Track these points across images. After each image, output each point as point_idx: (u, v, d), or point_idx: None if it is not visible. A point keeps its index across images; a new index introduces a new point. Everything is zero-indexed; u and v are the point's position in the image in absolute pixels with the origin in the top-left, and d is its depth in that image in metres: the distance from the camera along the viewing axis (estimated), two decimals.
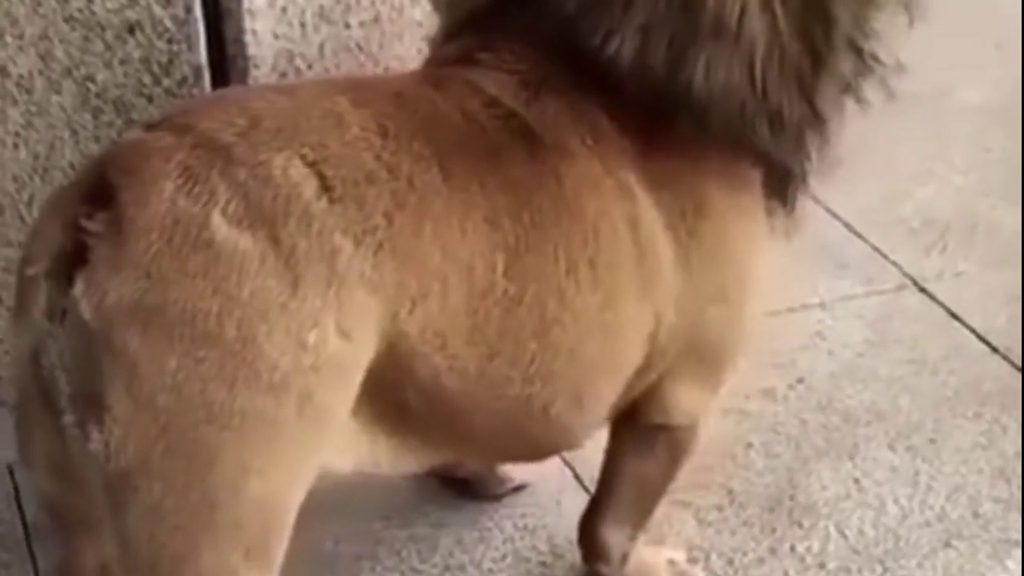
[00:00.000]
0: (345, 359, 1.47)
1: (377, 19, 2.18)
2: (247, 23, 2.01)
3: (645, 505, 1.95)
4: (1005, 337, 2.59)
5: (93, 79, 2.04)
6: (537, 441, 1.74)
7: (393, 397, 1.57)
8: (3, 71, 2.02)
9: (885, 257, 2.86)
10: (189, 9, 1.99)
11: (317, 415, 1.47)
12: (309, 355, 1.44)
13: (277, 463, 1.47)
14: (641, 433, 1.86)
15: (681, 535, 2.16)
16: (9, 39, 2.01)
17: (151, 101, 2.05)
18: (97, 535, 1.53)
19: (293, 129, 1.49)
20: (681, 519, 2.18)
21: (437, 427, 1.64)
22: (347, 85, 1.65)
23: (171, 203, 1.41)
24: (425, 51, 1.98)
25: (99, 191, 1.44)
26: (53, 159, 2.09)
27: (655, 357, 1.74)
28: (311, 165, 1.46)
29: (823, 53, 1.68)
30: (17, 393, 1.55)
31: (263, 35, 2.03)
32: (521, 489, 2.23)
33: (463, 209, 1.55)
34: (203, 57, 2.03)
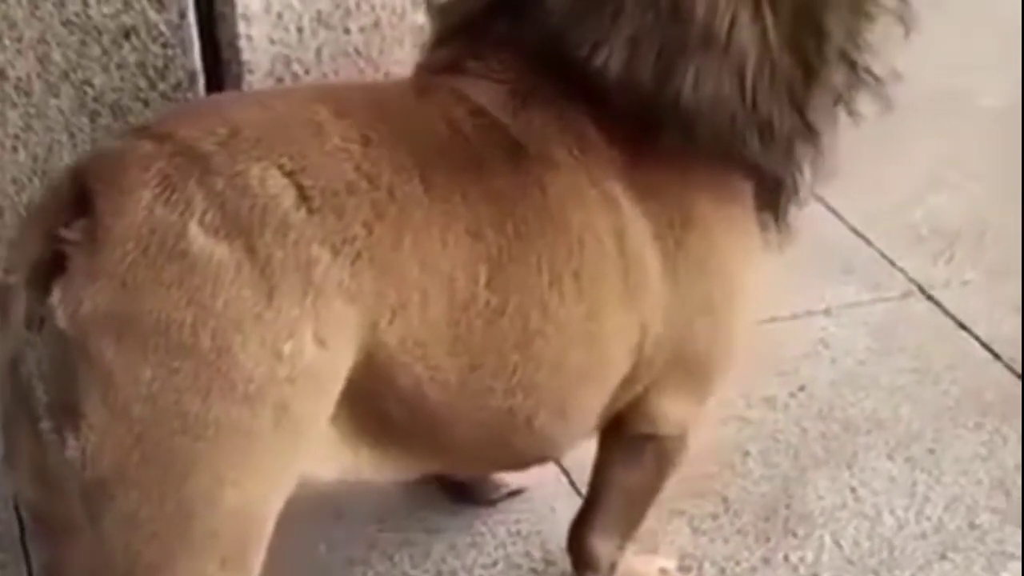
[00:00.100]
0: (322, 369, 1.47)
1: (377, 24, 2.17)
2: (241, 28, 2.01)
3: (633, 515, 1.94)
4: (1010, 346, 2.57)
5: (90, 83, 2.04)
6: (520, 452, 1.73)
7: (374, 407, 1.57)
8: (2, 74, 2.03)
9: (892, 263, 2.84)
10: (183, 14, 1.99)
11: (294, 425, 1.47)
12: (285, 365, 1.44)
13: (253, 473, 1.47)
14: (629, 443, 1.85)
15: (675, 543, 2.15)
16: (8, 42, 2.01)
17: (147, 105, 2.05)
18: (80, 541, 1.54)
19: (273, 139, 1.49)
20: (675, 527, 2.18)
21: (419, 437, 1.63)
22: (330, 94, 1.65)
23: (148, 212, 1.42)
24: None
25: (78, 199, 1.44)
26: (52, 162, 2.10)
27: (641, 368, 1.73)
28: (289, 175, 1.46)
29: (815, 65, 1.67)
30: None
31: (258, 40, 2.03)
32: (517, 494, 2.23)
33: (445, 219, 1.55)
34: (197, 62, 2.03)
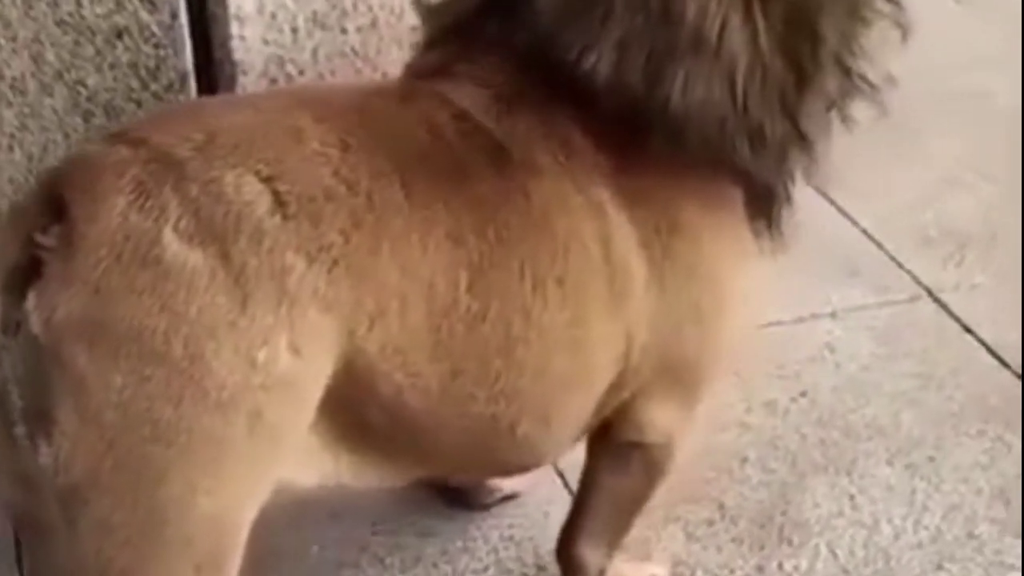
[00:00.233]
0: (297, 377, 1.46)
1: (375, 24, 2.16)
2: (234, 29, 2.00)
3: (621, 522, 1.92)
4: (1017, 352, 2.54)
5: (84, 83, 2.04)
6: (504, 459, 1.72)
7: (355, 414, 1.56)
8: None
9: (901, 266, 2.82)
10: (175, 15, 1.98)
11: (269, 433, 1.46)
12: (259, 373, 1.42)
13: (227, 481, 1.46)
14: (616, 450, 1.84)
15: (668, 549, 2.13)
16: (3, 41, 2.01)
17: (140, 106, 2.04)
18: (58, 543, 1.53)
19: (249, 144, 1.48)
20: (670, 533, 2.16)
21: (401, 444, 1.62)
22: (311, 99, 1.63)
23: (122, 218, 1.41)
24: None
25: (54, 205, 1.43)
26: (47, 161, 2.09)
27: (628, 375, 1.72)
28: (265, 181, 1.45)
29: (808, 70, 1.65)
30: None
31: (252, 41, 2.02)
32: (511, 499, 2.21)
33: (425, 226, 1.54)
34: (189, 63, 2.02)
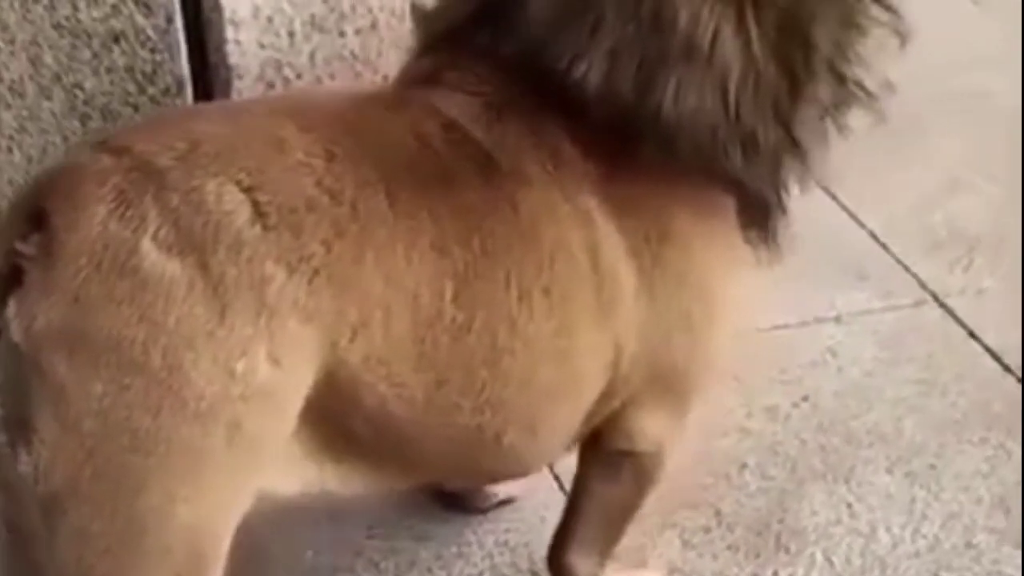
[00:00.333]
0: (277, 388, 1.46)
1: (375, 26, 2.15)
2: (229, 33, 1.99)
3: (612, 530, 1.92)
4: (1020, 357, 2.52)
5: (81, 86, 2.04)
6: (490, 468, 1.72)
7: (339, 424, 1.56)
8: None
9: (907, 270, 2.80)
10: (170, 19, 1.98)
11: (248, 444, 1.46)
12: (238, 384, 1.42)
13: (206, 490, 1.46)
14: (606, 459, 1.83)
15: (664, 556, 2.12)
16: (1, 44, 2.02)
17: (137, 110, 2.05)
18: (40, 550, 1.53)
19: (232, 154, 1.47)
20: (666, 539, 2.15)
21: (386, 453, 1.62)
22: (300, 107, 1.63)
23: (102, 228, 1.41)
24: None
25: (35, 213, 1.44)
26: (46, 162, 2.10)
27: (617, 385, 1.71)
28: (247, 191, 1.45)
29: (802, 78, 1.64)
30: None
31: (247, 45, 2.02)
32: (507, 503, 2.21)
33: (409, 235, 1.53)
34: (185, 67, 2.02)
